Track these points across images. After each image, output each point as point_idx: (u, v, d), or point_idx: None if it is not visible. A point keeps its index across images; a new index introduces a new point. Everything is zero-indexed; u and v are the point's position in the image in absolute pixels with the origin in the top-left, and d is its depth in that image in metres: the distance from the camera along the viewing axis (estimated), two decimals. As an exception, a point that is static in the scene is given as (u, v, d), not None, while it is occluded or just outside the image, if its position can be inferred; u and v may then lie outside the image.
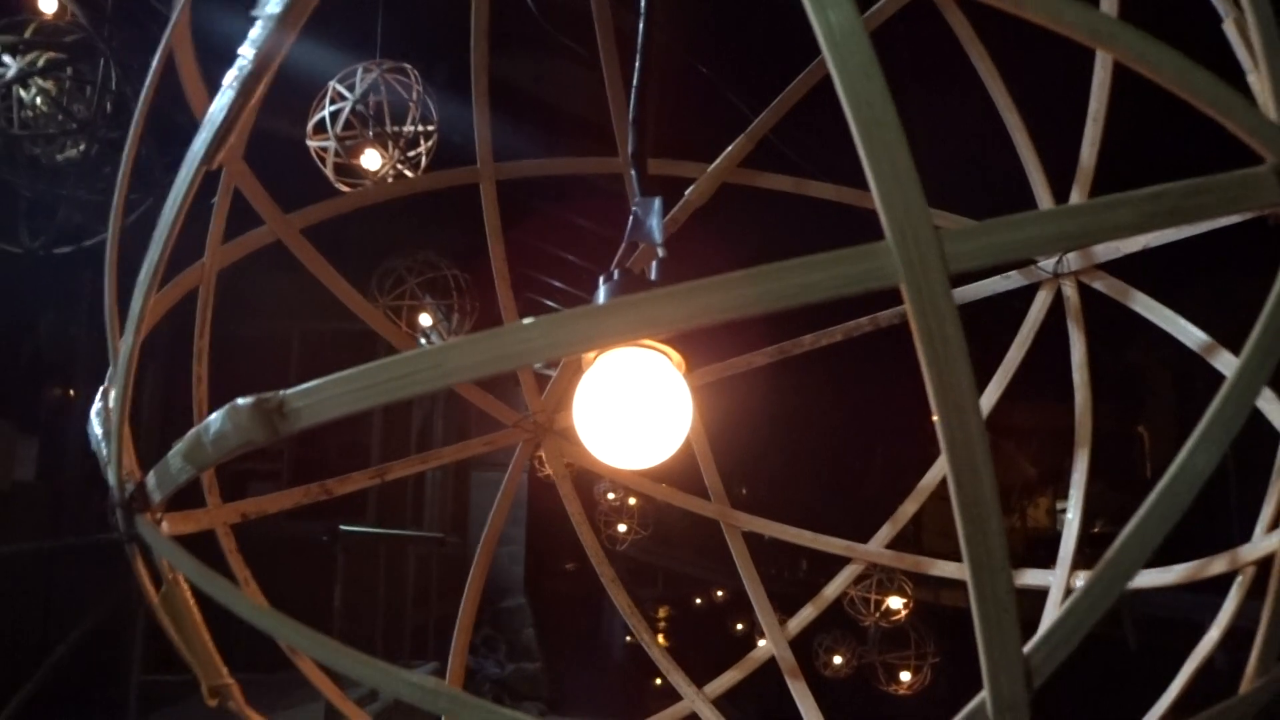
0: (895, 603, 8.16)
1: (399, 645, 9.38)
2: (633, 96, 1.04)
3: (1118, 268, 1.44)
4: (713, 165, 1.54)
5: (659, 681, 24.62)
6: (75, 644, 5.76)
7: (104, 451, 0.73)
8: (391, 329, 1.79)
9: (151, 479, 0.65)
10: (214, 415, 0.52)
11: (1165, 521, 0.47)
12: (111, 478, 0.69)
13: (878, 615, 8.13)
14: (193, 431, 0.55)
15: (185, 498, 0.83)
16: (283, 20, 0.62)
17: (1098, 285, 1.45)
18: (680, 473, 1.75)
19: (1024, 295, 1.59)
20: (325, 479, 1.53)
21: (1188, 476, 0.47)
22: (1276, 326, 0.46)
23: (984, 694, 0.45)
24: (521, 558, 16.23)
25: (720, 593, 31.59)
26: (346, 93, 3.99)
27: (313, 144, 3.91)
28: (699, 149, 1.67)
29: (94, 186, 5.08)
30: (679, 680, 1.64)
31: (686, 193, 1.54)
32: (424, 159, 4.09)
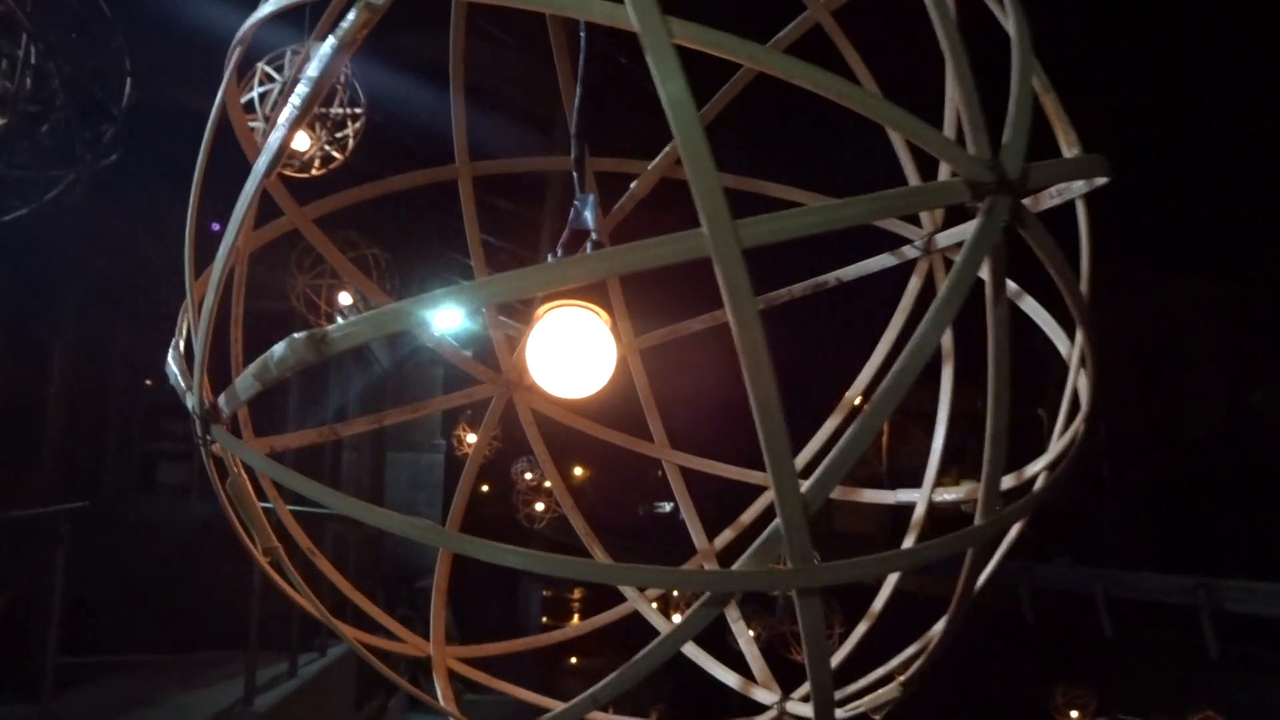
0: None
1: (317, 624, 9.43)
2: (575, 115, 1.29)
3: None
4: (653, 163, 1.77)
5: (574, 660, 24.89)
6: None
7: (181, 383, 0.95)
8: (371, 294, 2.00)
9: (223, 399, 0.86)
10: (276, 346, 0.74)
11: (905, 381, 0.71)
12: (193, 398, 0.91)
13: (785, 585, 8.47)
14: (259, 359, 0.77)
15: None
16: (329, 61, 0.83)
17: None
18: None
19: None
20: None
21: (922, 347, 0.72)
22: (985, 238, 0.70)
23: (777, 521, 0.70)
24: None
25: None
26: (275, 74, 4.10)
27: (241, 125, 4.02)
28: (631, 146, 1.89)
29: (11, 160, 5.07)
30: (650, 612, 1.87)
31: (631, 186, 1.77)
32: (351, 140, 4.23)
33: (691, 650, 1.68)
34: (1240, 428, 25.27)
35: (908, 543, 1.35)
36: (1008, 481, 1.39)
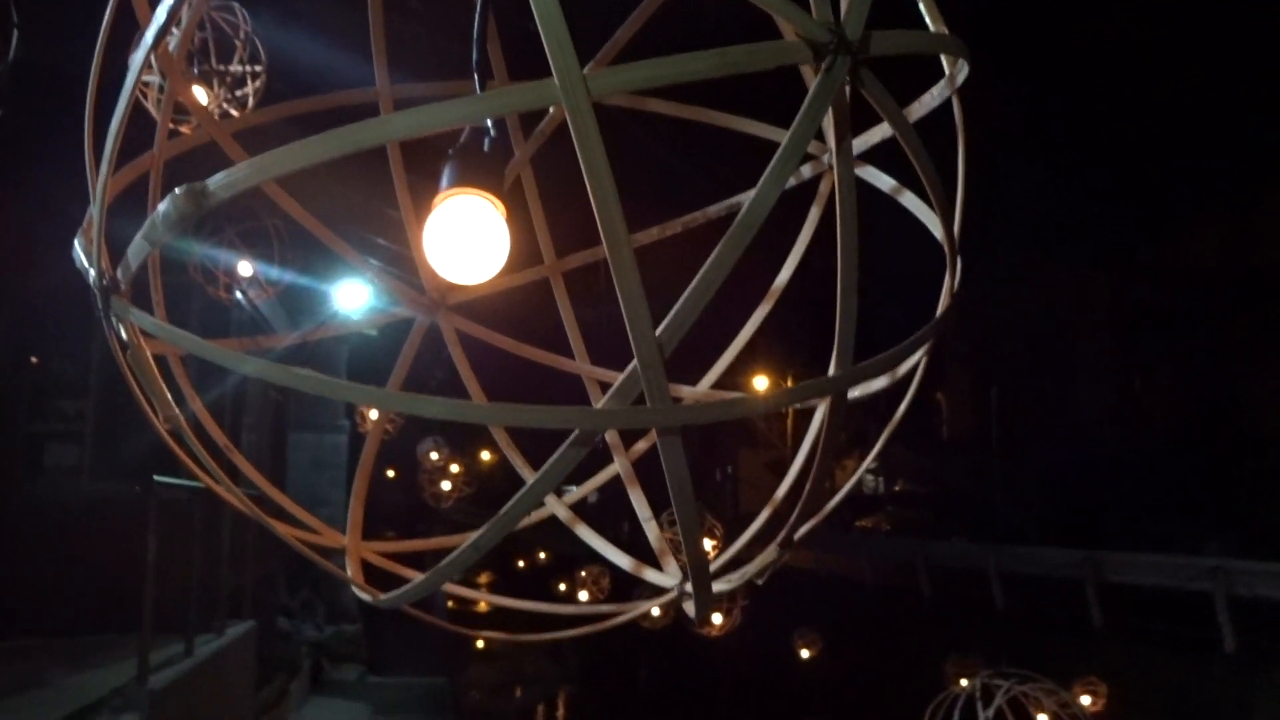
0: (704, 545, 8.64)
1: (215, 605, 9.23)
2: (476, 19, 1.32)
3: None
4: None
5: (482, 644, 24.78)
6: None
7: (84, 261, 0.96)
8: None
9: (120, 271, 0.88)
10: (161, 204, 0.76)
11: (749, 230, 0.77)
12: (94, 273, 0.92)
13: (689, 559, 8.60)
14: (147, 221, 0.79)
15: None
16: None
17: (862, 174, 1.72)
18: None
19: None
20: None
21: (762, 202, 0.77)
22: (823, 94, 0.76)
23: (634, 362, 0.75)
24: (341, 520, 16.06)
25: (542, 555, 32.12)
26: (173, 28, 3.99)
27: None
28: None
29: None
30: (526, 470, 1.89)
31: (550, 110, 1.80)
32: (251, 99, 4.15)
33: (590, 537, 1.73)
34: (1125, 411, 26.48)
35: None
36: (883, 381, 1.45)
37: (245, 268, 7.11)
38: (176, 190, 0.75)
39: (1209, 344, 24.77)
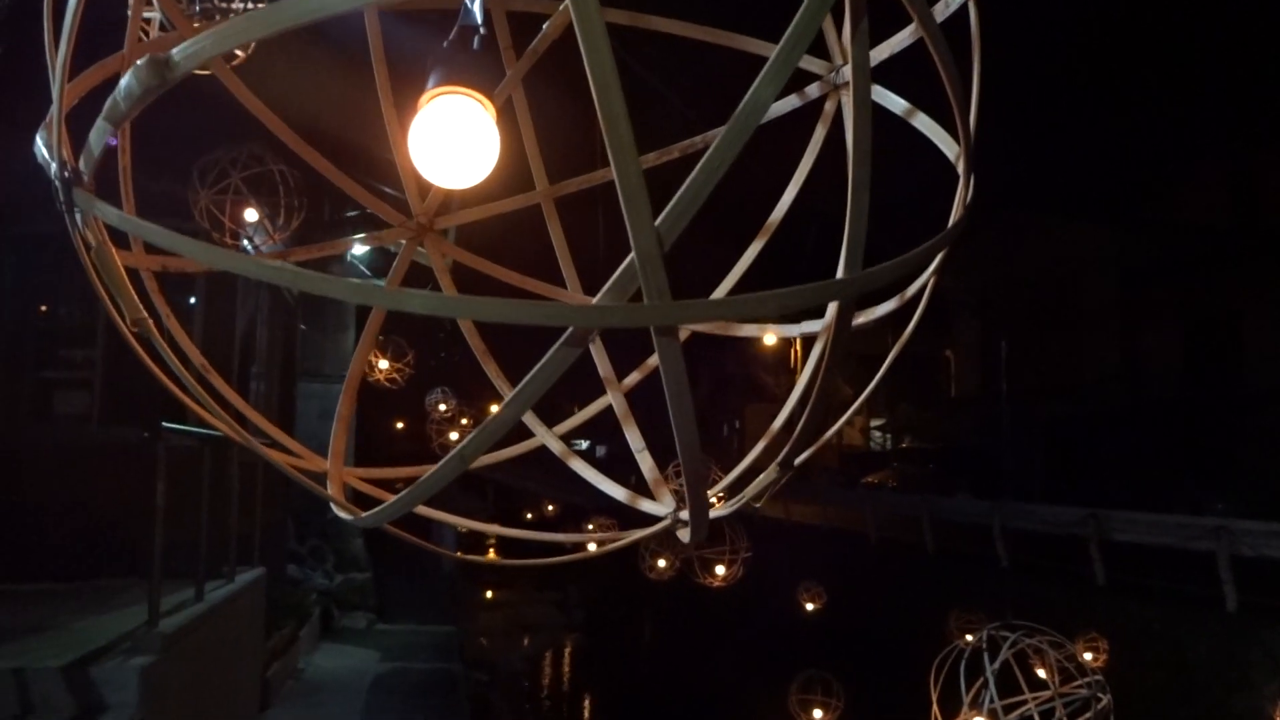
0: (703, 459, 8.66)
1: (224, 550, 9.30)
2: None
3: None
4: (565, 3, 1.73)
5: (490, 594, 25.01)
6: None
7: (45, 154, 0.91)
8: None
9: (82, 160, 0.83)
10: (121, 81, 0.71)
11: (746, 130, 0.72)
12: (55, 165, 0.87)
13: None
14: (109, 100, 0.74)
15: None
16: None
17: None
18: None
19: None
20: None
21: (757, 102, 0.72)
22: (810, 13, 0.71)
23: (633, 255, 0.70)
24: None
25: (550, 507, 32.41)
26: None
27: (133, 15, 3.82)
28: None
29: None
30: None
31: (544, 27, 1.76)
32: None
33: (584, 469, 1.70)
34: (1130, 369, 26.39)
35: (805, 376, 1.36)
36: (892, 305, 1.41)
37: (251, 214, 7.04)
38: (139, 62, 0.70)
39: (1214, 300, 24.60)
